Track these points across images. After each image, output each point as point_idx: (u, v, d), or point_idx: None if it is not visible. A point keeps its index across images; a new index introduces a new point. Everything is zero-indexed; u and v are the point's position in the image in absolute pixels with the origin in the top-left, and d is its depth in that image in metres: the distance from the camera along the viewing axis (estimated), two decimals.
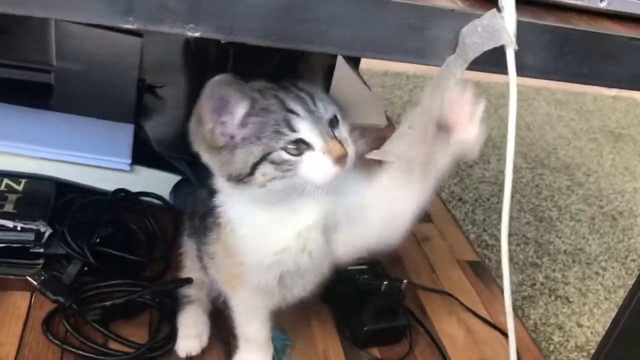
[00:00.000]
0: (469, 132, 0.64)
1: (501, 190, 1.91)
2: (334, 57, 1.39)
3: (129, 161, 1.05)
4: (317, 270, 0.80)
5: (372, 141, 0.74)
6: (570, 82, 0.60)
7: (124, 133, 1.09)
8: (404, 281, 0.97)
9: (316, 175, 0.68)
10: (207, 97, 0.65)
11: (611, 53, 0.59)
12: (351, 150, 0.69)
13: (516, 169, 2.08)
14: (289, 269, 0.77)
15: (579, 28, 0.58)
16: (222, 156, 0.69)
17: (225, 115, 0.67)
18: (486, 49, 0.55)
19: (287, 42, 0.53)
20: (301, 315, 0.97)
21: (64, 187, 1.03)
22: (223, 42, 0.51)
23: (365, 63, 2.24)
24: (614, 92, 2.93)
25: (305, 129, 0.67)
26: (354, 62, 1.97)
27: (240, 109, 0.67)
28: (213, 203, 0.78)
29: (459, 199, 1.84)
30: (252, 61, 0.97)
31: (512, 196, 1.91)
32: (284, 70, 0.72)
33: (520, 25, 0.55)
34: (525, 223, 1.81)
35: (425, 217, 1.35)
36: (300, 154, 0.67)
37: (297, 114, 0.68)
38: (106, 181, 1.05)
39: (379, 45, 0.56)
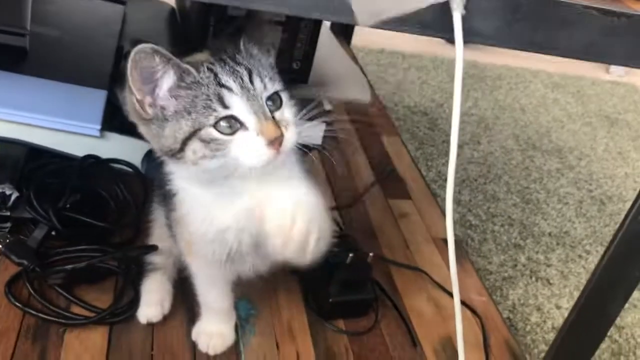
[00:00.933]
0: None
1: (489, 172, 1.91)
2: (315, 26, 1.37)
3: (99, 127, 1.04)
4: (265, 250, 0.75)
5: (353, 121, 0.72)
6: (522, 50, 0.58)
7: (96, 99, 1.08)
8: (370, 254, 0.96)
9: (248, 157, 0.65)
10: (133, 66, 0.62)
11: (565, 21, 0.58)
12: (290, 133, 0.66)
13: (507, 151, 2.07)
14: (232, 247, 0.76)
15: None
16: (152, 129, 0.67)
17: (151, 86, 0.64)
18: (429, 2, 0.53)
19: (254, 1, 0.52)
20: (268, 286, 0.97)
21: (34, 152, 1.03)
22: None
23: (360, 41, 2.21)
24: (612, 76, 2.90)
25: (238, 106, 0.64)
26: (345, 36, 1.95)
27: (166, 80, 0.64)
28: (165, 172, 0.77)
29: (446, 179, 1.82)
30: (230, 32, 0.96)
31: (500, 177, 1.91)
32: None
33: None
34: (512, 205, 1.79)
35: (404, 194, 1.34)
36: (232, 133, 0.64)
37: (230, 89, 0.65)
38: (77, 147, 1.05)
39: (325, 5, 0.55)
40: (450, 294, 1.08)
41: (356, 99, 1.55)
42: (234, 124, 0.64)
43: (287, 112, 0.68)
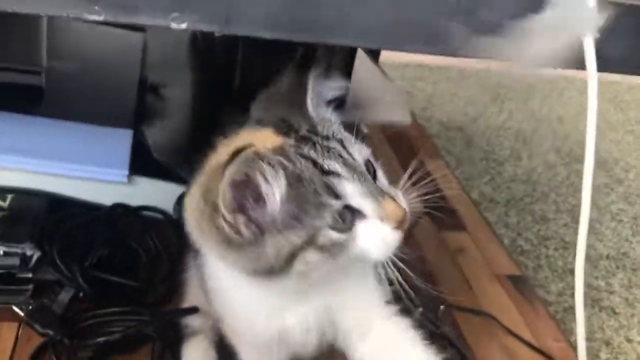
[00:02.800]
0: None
1: (535, 190, 1.79)
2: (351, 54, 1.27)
3: (127, 172, 0.94)
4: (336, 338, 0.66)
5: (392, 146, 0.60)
6: None
7: (122, 140, 0.98)
8: (441, 307, 0.84)
9: (378, 248, 0.53)
10: (230, 182, 0.48)
11: None
12: (406, 205, 0.54)
13: (550, 166, 1.95)
14: (294, 344, 0.64)
15: None
16: (245, 252, 0.52)
17: (252, 201, 0.51)
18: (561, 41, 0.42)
19: (300, 33, 0.41)
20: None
21: (55, 203, 0.93)
22: (217, 35, 0.39)
23: (385, 56, 2.11)
24: None
25: (351, 192, 0.51)
26: (373, 53, 1.84)
27: (277, 191, 0.50)
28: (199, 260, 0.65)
29: (490, 200, 1.71)
30: (263, 60, 0.85)
31: (547, 195, 1.78)
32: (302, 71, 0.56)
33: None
34: (563, 225, 1.67)
35: (458, 225, 1.23)
36: (350, 227, 0.51)
37: (337, 174, 0.51)
38: (103, 195, 0.94)
39: (416, 35, 0.44)
40: (523, 341, 0.97)
41: (396, 120, 1.44)
42: (347, 215, 0.51)
43: (382, 178, 0.56)
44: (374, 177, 0.54)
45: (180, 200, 0.99)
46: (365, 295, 0.61)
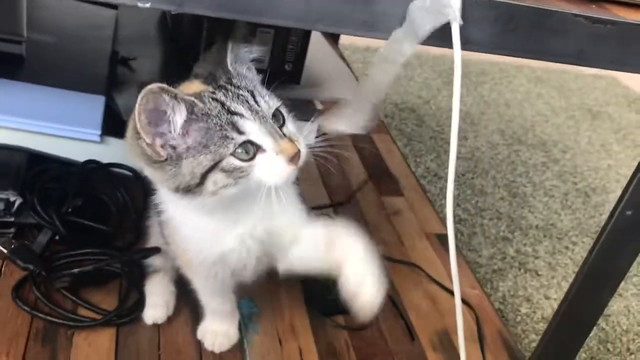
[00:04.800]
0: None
1: (476, 167, 1.95)
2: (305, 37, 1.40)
3: (99, 132, 1.06)
4: (270, 259, 0.81)
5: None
6: (516, 57, 0.62)
7: (95, 104, 1.10)
8: None
9: (271, 177, 0.66)
10: (141, 110, 0.61)
11: (556, 29, 0.61)
12: (303, 146, 0.68)
13: (493, 146, 2.11)
14: (235, 266, 0.78)
15: (524, 4, 0.59)
16: (166, 170, 0.65)
17: (163, 126, 0.64)
18: (432, 24, 0.56)
19: (238, 14, 0.55)
20: (269, 285, 0.99)
21: (35, 158, 1.05)
22: (173, 12, 0.52)
23: (346, 39, 2.24)
24: (594, 70, 2.95)
25: (252, 130, 0.65)
26: (332, 35, 1.97)
27: (178, 117, 0.64)
28: (154, 200, 0.77)
29: (434, 175, 1.87)
30: (223, 34, 0.98)
31: (487, 172, 1.95)
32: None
33: (466, 1, 0.57)
34: (500, 198, 1.83)
35: (396, 191, 1.38)
36: (251, 158, 0.65)
37: (241, 115, 0.65)
38: (77, 152, 1.06)
39: (330, 18, 0.57)
40: (445, 288, 1.12)
41: (345, 97, 1.57)
42: (250, 148, 0.65)
43: (291, 125, 0.69)
44: (283, 124, 0.68)
45: None
46: (290, 214, 0.75)
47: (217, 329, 0.91)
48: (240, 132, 0.65)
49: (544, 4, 0.61)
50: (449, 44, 0.58)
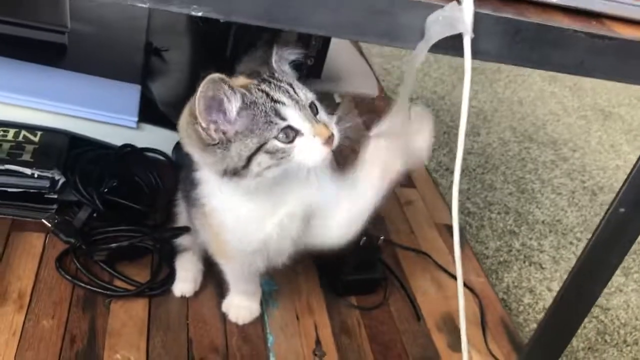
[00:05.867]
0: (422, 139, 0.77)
1: (487, 162, 2.02)
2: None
3: (136, 119, 1.15)
4: (296, 247, 0.89)
5: (361, 114, 0.82)
6: (521, 66, 0.69)
7: (132, 93, 1.18)
8: (381, 237, 1.07)
9: (309, 157, 0.73)
10: (202, 95, 0.69)
11: (558, 43, 0.68)
12: (335, 130, 0.76)
13: (504, 142, 2.17)
14: (272, 252, 0.87)
15: (530, 20, 0.66)
16: (216, 153, 0.73)
17: (219, 113, 0.71)
18: (446, 35, 0.64)
19: (276, 23, 0.62)
20: (288, 268, 1.07)
21: (76, 141, 1.13)
22: (222, 21, 0.60)
23: None
24: None
25: (293, 116, 0.73)
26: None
27: (234, 105, 0.72)
28: (197, 193, 0.85)
29: (446, 169, 1.94)
30: (250, 33, 1.06)
31: (497, 168, 2.02)
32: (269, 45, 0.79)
33: (477, 16, 0.64)
34: (508, 194, 1.90)
35: (409, 183, 1.45)
36: (291, 140, 0.73)
37: (283, 103, 0.73)
38: (115, 137, 1.15)
39: (355, 28, 0.65)
40: (452, 275, 1.20)
41: (364, 92, 1.64)
42: (290, 133, 0.73)
43: (323, 115, 0.77)
44: (316, 113, 0.76)
45: (177, 146, 1.21)
46: (326, 191, 0.83)
47: (241, 303, 0.99)
48: (282, 118, 0.72)
49: (547, 20, 0.68)
50: (460, 53, 0.65)
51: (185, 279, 1.02)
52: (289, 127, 0.73)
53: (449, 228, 1.33)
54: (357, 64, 1.71)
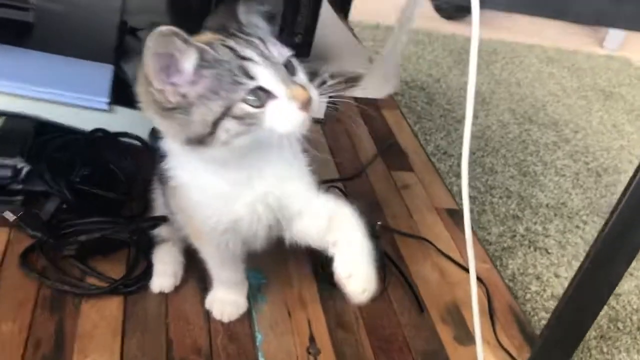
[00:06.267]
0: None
1: (487, 145, 1.93)
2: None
3: (108, 100, 1.05)
4: (279, 228, 0.80)
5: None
6: (535, 15, 0.60)
7: (103, 73, 1.09)
8: (378, 223, 0.98)
9: (284, 124, 0.64)
10: (151, 53, 0.60)
11: None
12: (314, 93, 0.67)
13: (503, 124, 2.09)
14: (245, 234, 0.77)
15: None
16: (176, 119, 0.64)
17: (174, 72, 0.62)
18: None
19: None
20: (278, 256, 0.99)
21: (42, 126, 1.04)
22: None
23: (356, 16, 2.22)
24: (606, 50, 2.92)
25: (263, 76, 0.63)
26: (343, 11, 1.95)
27: (188, 62, 0.62)
28: (163, 166, 0.76)
29: (444, 153, 1.85)
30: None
31: (498, 150, 1.93)
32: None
33: None
34: (510, 177, 1.82)
35: (406, 166, 1.36)
36: (262, 104, 0.63)
37: (251, 60, 0.63)
38: (85, 121, 1.06)
39: None
40: (454, 262, 1.11)
41: (356, 72, 1.55)
42: (261, 95, 0.63)
43: (302, 76, 0.68)
44: (294, 73, 0.67)
45: (154, 129, 1.11)
46: (299, 183, 0.74)
47: (226, 298, 0.90)
48: (251, 77, 0.63)
49: None
50: (467, 2, 0.57)
51: (164, 273, 0.93)
52: (259, 88, 0.63)
53: (449, 212, 1.25)
54: (347, 41, 1.62)
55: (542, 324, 1.28)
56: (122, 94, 1.08)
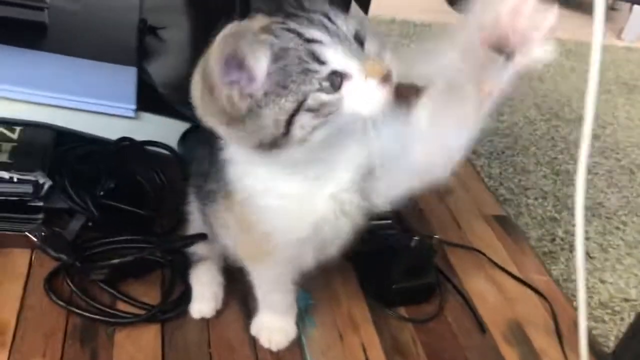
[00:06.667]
0: (532, 52, 0.55)
1: (516, 143, 1.85)
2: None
3: (134, 107, 0.96)
4: (354, 227, 0.71)
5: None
6: None
7: (127, 76, 1.00)
8: (435, 236, 0.90)
9: (365, 106, 0.56)
10: (218, 58, 0.52)
11: None
12: (393, 64, 0.57)
13: (530, 121, 2.00)
14: (326, 237, 0.68)
15: None
16: (246, 125, 0.56)
17: (242, 74, 0.54)
18: None
19: None
20: (322, 274, 0.90)
21: (62, 136, 0.95)
22: None
23: (373, 10, 2.13)
24: (625, 42, 2.85)
25: (335, 57, 0.55)
26: (364, 7, 1.87)
27: (261, 62, 0.54)
28: (224, 175, 0.67)
29: (473, 152, 1.76)
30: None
31: (528, 149, 1.84)
32: None
33: None
34: (542, 176, 1.73)
35: None
36: (338, 89, 0.55)
37: (319, 42, 0.55)
38: (109, 129, 0.97)
39: None
40: (510, 274, 1.03)
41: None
42: (334, 79, 0.55)
43: (373, 45, 0.58)
44: (363, 43, 0.57)
45: (184, 137, 1.02)
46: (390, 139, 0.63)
47: (274, 324, 0.81)
48: (322, 62, 0.55)
49: None
50: None
51: (204, 297, 0.84)
52: (333, 72, 0.55)
53: (497, 219, 1.17)
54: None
55: (593, 334, 1.20)
56: (148, 98, 0.99)
